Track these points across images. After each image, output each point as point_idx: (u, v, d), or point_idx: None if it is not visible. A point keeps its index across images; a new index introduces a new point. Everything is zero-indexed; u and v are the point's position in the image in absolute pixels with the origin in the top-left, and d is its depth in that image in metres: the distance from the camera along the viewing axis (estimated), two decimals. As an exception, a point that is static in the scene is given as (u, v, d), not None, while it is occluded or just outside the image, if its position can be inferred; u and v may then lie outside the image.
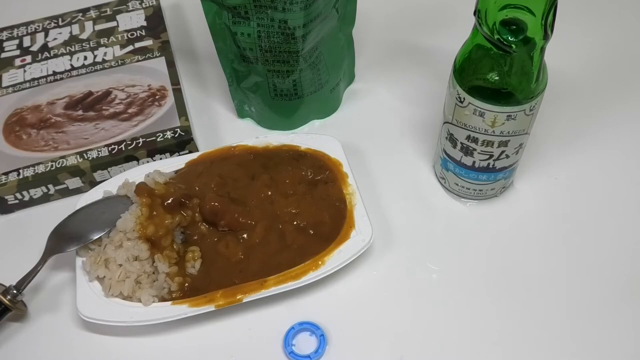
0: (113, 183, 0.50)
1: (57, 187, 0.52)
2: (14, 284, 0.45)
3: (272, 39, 0.48)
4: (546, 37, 0.38)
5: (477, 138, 0.44)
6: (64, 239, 0.46)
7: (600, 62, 0.62)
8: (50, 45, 0.62)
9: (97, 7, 0.65)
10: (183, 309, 0.43)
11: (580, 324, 0.44)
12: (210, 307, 0.44)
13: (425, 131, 0.56)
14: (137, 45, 0.61)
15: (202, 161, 0.52)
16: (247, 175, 0.50)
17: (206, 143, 0.56)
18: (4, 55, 0.61)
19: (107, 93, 0.57)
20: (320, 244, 0.46)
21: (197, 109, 0.59)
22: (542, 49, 0.39)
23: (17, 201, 0.52)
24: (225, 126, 0.58)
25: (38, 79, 0.59)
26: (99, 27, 0.63)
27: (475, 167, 0.47)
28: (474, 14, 0.39)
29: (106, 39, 0.62)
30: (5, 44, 0.63)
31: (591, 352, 0.43)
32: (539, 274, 0.47)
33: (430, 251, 0.49)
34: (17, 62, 0.61)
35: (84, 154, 0.52)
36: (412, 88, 0.60)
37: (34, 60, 0.61)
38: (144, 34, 0.62)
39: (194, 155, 0.52)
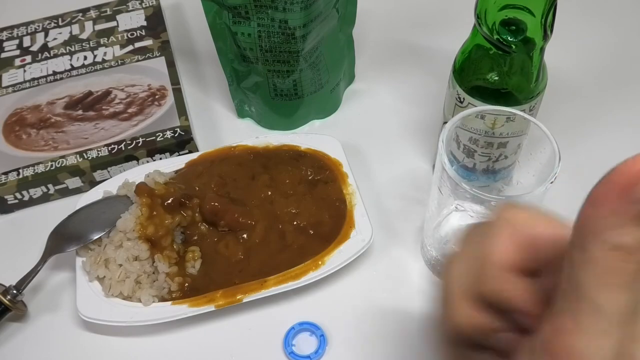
0: (113, 183, 0.50)
1: (57, 187, 0.52)
2: (14, 284, 0.45)
3: (273, 39, 0.48)
4: (546, 37, 0.38)
5: (477, 139, 0.44)
6: (64, 239, 0.46)
7: (600, 62, 0.62)
8: (50, 45, 0.62)
9: (97, 7, 0.65)
10: (183, 309, 0.43)
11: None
12: (210, 307, 0.44)
13: (425, 131, 0.56)
14: (137, 45, 0.61)
15: (202, 161, 0.52)
16: (247, 175, 0.50)
17: (206, 143, 0.56)
18: (4, 55, 0.61)
19: (107, 93, 0.57)
20: (320, 244, 0.46)
21: (197, 109, 0.59)
22: (542, 49, 0.39)
23: (17, 201, 0.52)
24: (225, 126, 0.58)
25: (38, 78, 0.59)
26: (99, 27, 0.63)
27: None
28: (474, 14, 0.39)
29: (106, 39, 0.62)
30: (5, 44, 0.63)
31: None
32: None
33: (430, 251, 0.49)
34: (17, 62, 0.61)
35: (84, 154, 0.52)
36: (412, 88, 0.60)
37: (34, 60, 0.61)
38: (144, 33, 0.62)
39: (194, 155, 0.52)
